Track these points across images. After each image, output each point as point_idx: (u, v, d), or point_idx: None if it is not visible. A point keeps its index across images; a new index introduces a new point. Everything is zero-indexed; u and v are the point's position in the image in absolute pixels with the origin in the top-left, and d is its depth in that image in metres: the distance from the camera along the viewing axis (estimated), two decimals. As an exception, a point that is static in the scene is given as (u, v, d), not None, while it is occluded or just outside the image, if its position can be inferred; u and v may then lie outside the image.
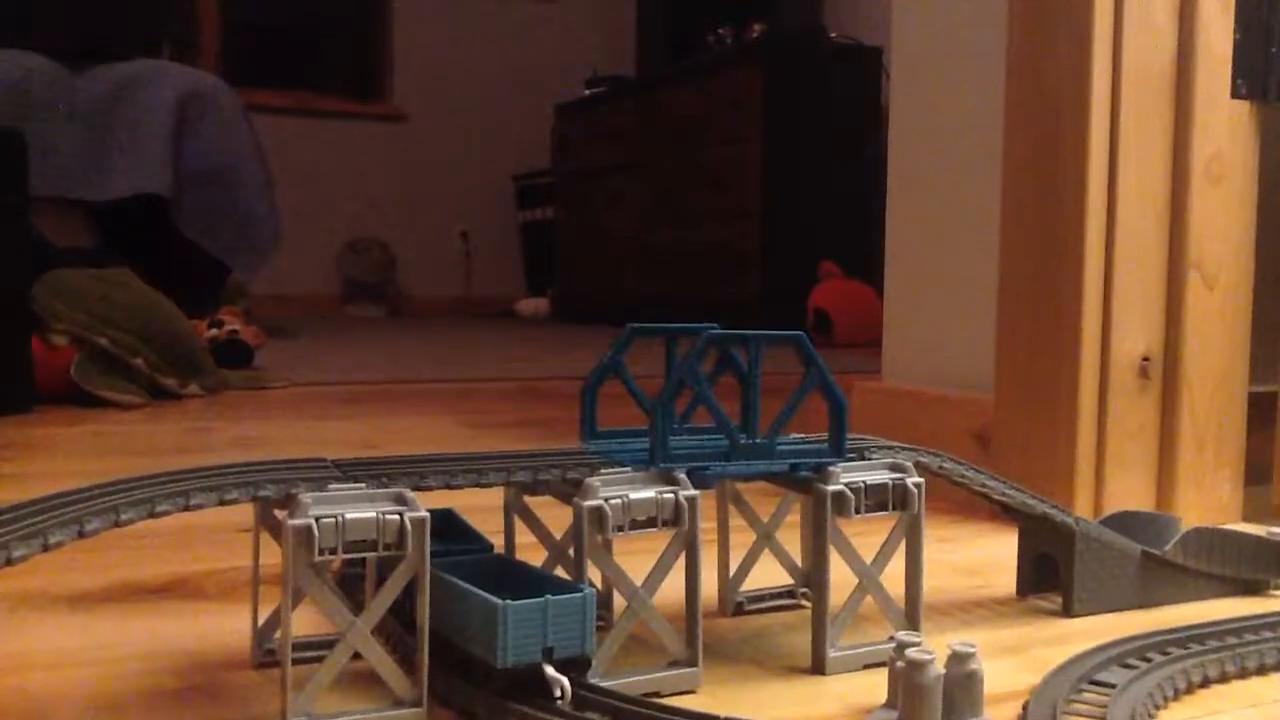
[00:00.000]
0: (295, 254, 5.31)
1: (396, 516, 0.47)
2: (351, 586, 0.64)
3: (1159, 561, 0.72)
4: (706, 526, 0.80)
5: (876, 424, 1.14)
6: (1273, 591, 0.76)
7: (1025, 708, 0.52)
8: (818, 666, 0.58)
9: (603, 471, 0.54)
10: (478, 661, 0.48)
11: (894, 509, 0.59)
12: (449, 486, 0.53)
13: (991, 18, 1.03)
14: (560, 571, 0.62)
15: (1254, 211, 0.94)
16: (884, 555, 0.60)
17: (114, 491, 0.47)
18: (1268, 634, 0.61)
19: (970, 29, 1.07)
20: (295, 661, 0.56)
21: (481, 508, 0.79)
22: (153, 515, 0.46)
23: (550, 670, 0.47)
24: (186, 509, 0.47)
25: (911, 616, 0.61)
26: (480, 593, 0.48)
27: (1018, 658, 0.61)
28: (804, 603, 0.70)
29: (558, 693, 0.47)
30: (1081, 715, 0.51)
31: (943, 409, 1.06)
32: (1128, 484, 0.90)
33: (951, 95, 1.10)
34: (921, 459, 0.64)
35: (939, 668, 0.49)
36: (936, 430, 1.05)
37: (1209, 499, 0.92)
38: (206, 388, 1.92)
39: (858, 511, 0.58)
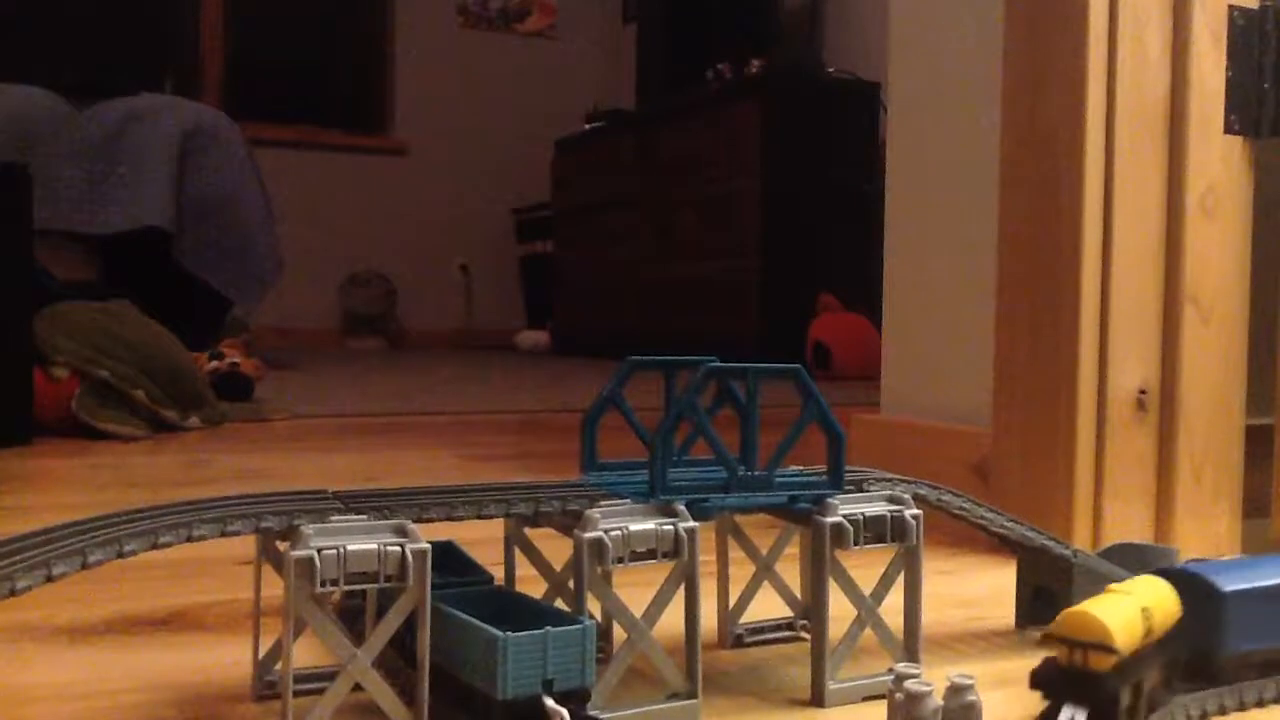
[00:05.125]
0: (296, 287, 5.33)
1: (398, 548, 0.48)
2: (352, 618, 0.64)
3: (1157, 594, 0.72)
4: (706, 559, 0.80)
5: (875, 456, 1.14)
6: (1271, 624, 0.76)
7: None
8: (817, 699, 0.58)
9: (602, 503, 0.54)
10: (478, 693, 0.48)
11: (892, 541, 0.59)
12: (450, 518, 0.53)
13: (987, 53, 1.05)
14: (560, 603, 0.62)
15: (1248, 245, 0.94)
16: (883, 587, 0.60)
17: (117, 523, 0.48)
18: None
19: (966, 64, 1.09)
20: (296, 693, 0.56)
21: (482, 540, 0.79)
22: (155, 547, 0.46)
23: (550, 702, 0.47)
24: (189, 540, 0.47)
25: (910, 648, 0.61)
26: (480, 624, 0.48)
27: (1016, 690, 0.61)
28: (803, 635, 0.70)
29: (557, 725, 0.47)
30: (1080, 747, 0.51)
31: (941, 441, 1.07)
32: (1126, 516, 0.90)
33: (948, 129, 1.11)
34: (920, 491, 0.64)
35: (937, 700, 0.49)
36: (935, 462, 1.06)
37: (1207, 531, 0.93)
38: (207, 420, 1.92)
39: (856, 544, 0.58)
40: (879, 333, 1.23)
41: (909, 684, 0.49)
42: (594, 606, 0.52)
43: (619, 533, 0.52)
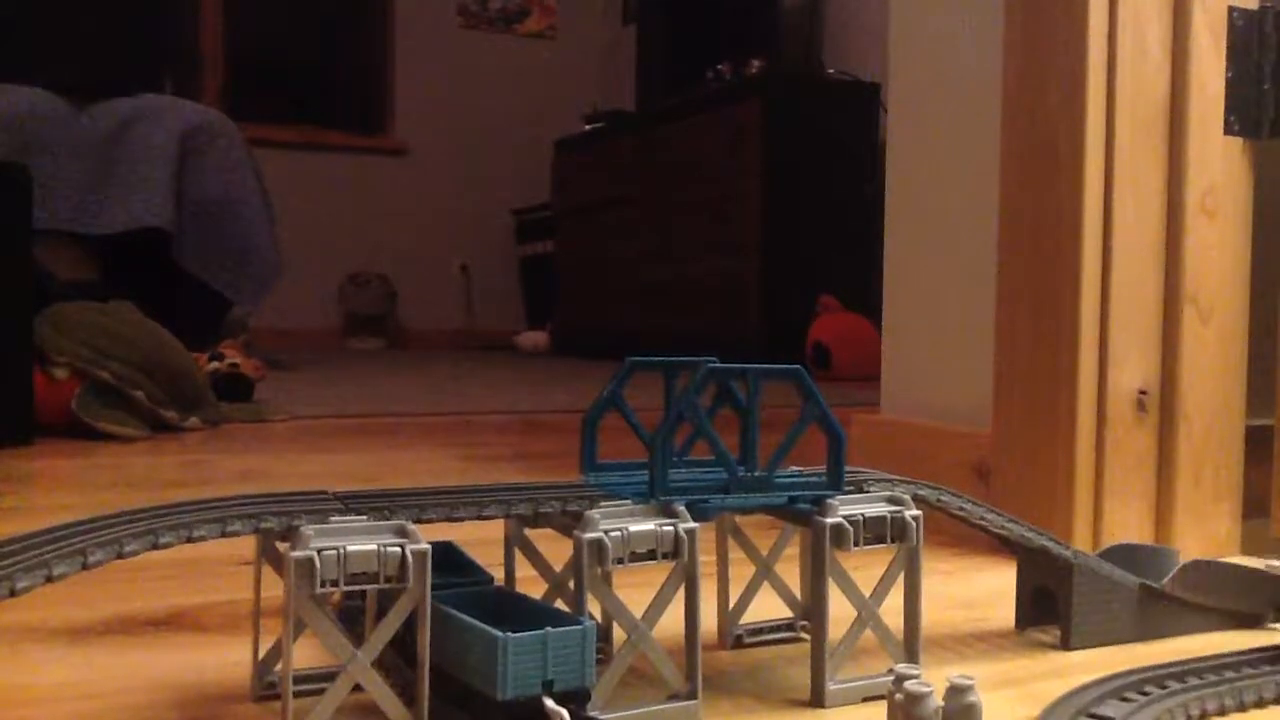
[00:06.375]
0: (296, 287, 5.33)
1: (398, 549, 0.48)
2: (352, 619, 0.64)
3: (1157, 595, 0.72)
4: (706, 559, 0.80)
5: (875, 457, 1.14)
6: (1271, 625, 0.76)
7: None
8: (817, 699, 0.58)
9: (602, 504, 0.54)
10: (478, 694, 0.48)
11: (892, 542, 0.59)
12: (450, 519, 0.53)
13: (987, 53, 1.05)
14: (560, 604, 0.62)
15: (1248, 245, 0.95)
16: (882, 588, 0.60)
17: (117, 523, 0.48)
18: (1266, 668, 0.62)
19: (966, 65, 1.09)
20: (296, 694, 0.56)
21: (482, 540, 0.79)
22: (156, 547, 0.46)
23: (550, 703, 0.47)
24: (189, 541, 0.47)
25: (910, 649, 0.61)
26: (480, 625, 0.48)
27: (1016, 691, 0.61)
28: (803, 635, 0.70)
29: (557, 725, 0.47)
30: (1080, 748, 0.51)
31: (941, 442, 1.07)
32: (1126, 517, 0.90)
33: (948, 130, 1.11)
34: (920, 492, 0.64)
35: (937, 700, 0.49)
36: (935, 463, 1.06)
37: (1207, 532, 0.93)
38: (207, 420, 1.92)
39: (856, 544, 0.58)
40: (879, 333, 1.23)
41: (909, 684, 0.49)
42: (594, 607, 0.52)
43: (619, 533, 0.52)
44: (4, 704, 0.57)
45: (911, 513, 0.60)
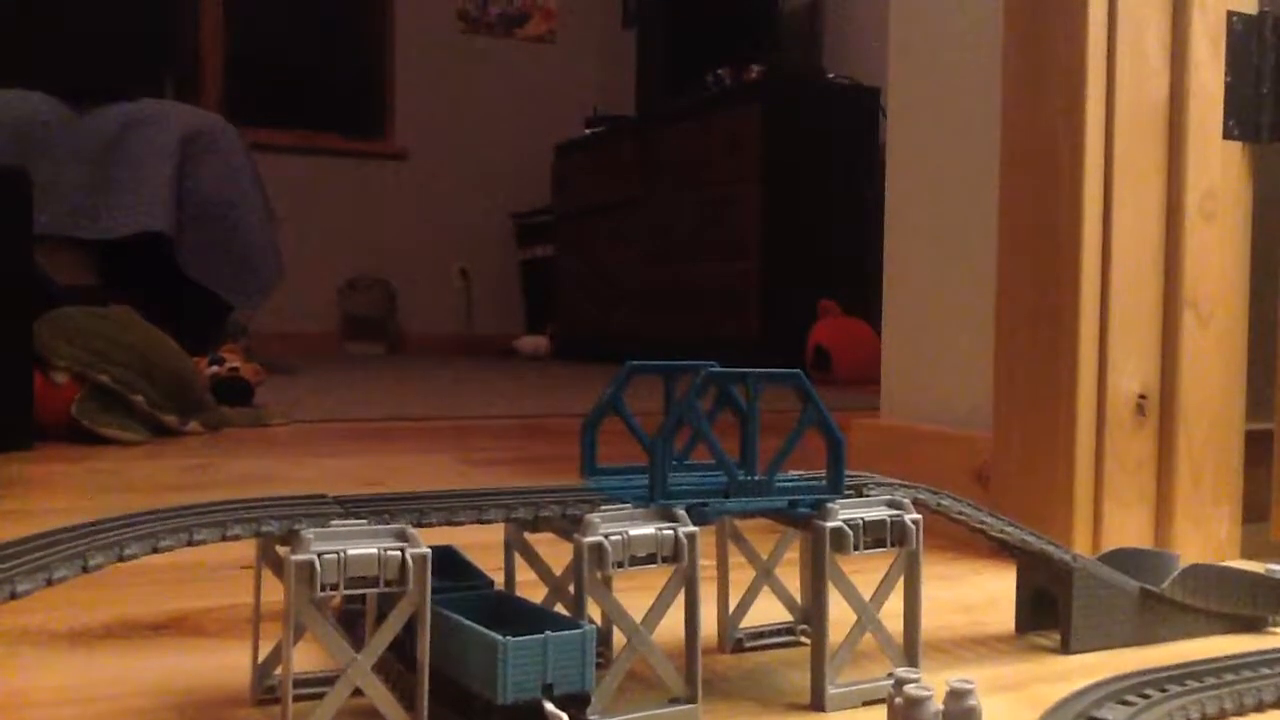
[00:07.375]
0: (296, 291, 5.33)
1: (398, 553, 0.48)
2: (352, 623, 0.64)
3: (1157, 598, 0.72)
4: (706, 563, 0.80)
5: (875, 461, 1.14)
6: (1271, 629, 0.76)
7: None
8: (817, 703, 0.58)
9: (603, 508, 0.54)
10: (478, 698, 0.48)
11: (892, 546, 0.59)
12: (450, 523, 0.53)
13: (986, 57, 1.05)
14: (560, 608, 0.62)
15: (1248, 249, 0.95)
16: (882, 592, 0.60)
17: (117, 527, 0.48)
18: (1266, 671, 0.62)
19: (966, 69, 1.09)
20: (296, 698, 0.56)
21: (482, 544, 0.79)
22: (156, 550, 0.46)
23: (550, 707, 0.47)
24: (189, 544, 0.47)
25: (910, 653, 0.61)
26: (480, 629, 0.48)
27: (1016, 694, 0.61)
28: (803, 639, 0.70)
29: (557, 729, 0.47)
30: (1080, 752, 0.51)
31: (941, 446, 1.07)
32: (1126, 521, 0.90)
33: (948, 134, 1.11)
34: (920, 496, 0.64)
35: (937, 704, 0.49)
36: (935, 467, 1.06)
37: (1207, 536, 0.93)
38: (207, 425, 1.92)
39: (856, 548, 0.58)
40: (879, 337, 1.23)
41: (909, 688, 0.49)
42: (594, 611, 0.52)
43: (619, 537, 0.52)
44: (3, 707, 0.57)
45: (911, 517, 0.60)
